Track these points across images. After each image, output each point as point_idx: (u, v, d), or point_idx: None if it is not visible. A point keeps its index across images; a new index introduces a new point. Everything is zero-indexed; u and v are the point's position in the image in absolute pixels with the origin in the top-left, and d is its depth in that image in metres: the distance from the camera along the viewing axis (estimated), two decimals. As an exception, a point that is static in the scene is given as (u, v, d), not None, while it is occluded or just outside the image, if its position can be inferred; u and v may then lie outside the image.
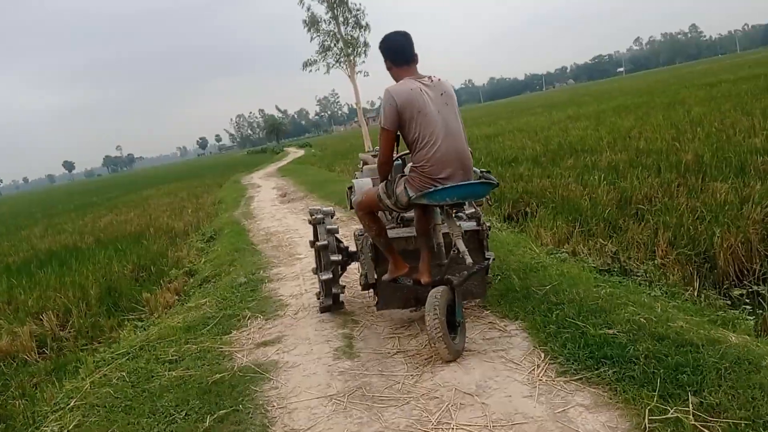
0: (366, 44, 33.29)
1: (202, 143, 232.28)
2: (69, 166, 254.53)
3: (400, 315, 4.38)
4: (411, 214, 4.00)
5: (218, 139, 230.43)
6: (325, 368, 3.65)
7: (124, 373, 4.11)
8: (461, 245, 3.39)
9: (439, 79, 3.52)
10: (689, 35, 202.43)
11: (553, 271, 4.71)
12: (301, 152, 49.12)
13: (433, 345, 3.34)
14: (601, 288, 4.12)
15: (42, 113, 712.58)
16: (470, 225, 4.01)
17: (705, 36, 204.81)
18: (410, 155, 3.51)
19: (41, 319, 6.90)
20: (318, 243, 4.46)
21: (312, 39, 32.99)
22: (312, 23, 32.99)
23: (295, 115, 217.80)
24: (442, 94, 3.44)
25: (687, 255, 5.41)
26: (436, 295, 3.36)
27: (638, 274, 5.00)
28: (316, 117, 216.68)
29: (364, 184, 4.40)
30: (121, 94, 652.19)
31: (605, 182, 8.43)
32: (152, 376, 3.96)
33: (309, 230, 9.59)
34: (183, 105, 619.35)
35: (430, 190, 3.32)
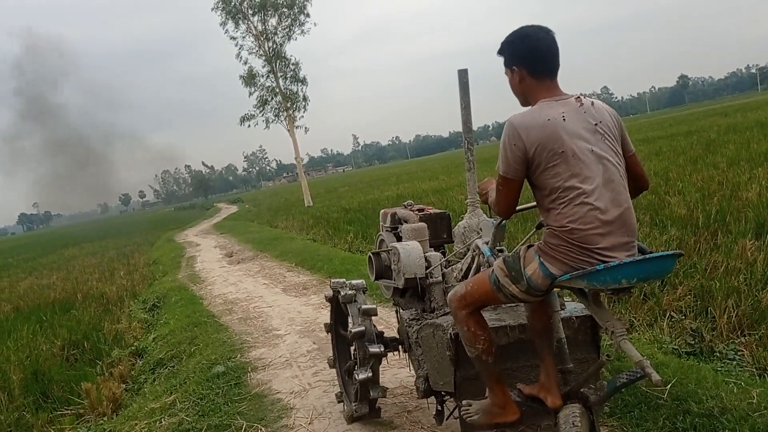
0: (305, 98, 32.78)
1: (125, 200, 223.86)
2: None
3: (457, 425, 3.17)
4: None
5: (142, 195, 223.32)
6: None
7: None
8: (633, 352, 2.13)
9: (593, 102, 2.35)
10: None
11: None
12: (233, 208, 47.28)
13: None
14: (734, 386, 3.09)
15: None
16: (579, 307, 2.84)
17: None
18: (543, 213, 2.34)
19: (-51, 417, 5.60)
20: (352, 329, 3.30)
21: (250, 94, 32.24)
22: (249, 78, 32.18)
23: (223, 171, 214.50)
24: (597, 123, 2.30)
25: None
26: (574, 421, 2.21)
27: (729, 356, 4.07)
28: (244, 173, 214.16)
29: (413, 250, 3.30)
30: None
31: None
32: None
33: (276, 297, 8.54)
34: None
35: (598, 267, 2.11)
